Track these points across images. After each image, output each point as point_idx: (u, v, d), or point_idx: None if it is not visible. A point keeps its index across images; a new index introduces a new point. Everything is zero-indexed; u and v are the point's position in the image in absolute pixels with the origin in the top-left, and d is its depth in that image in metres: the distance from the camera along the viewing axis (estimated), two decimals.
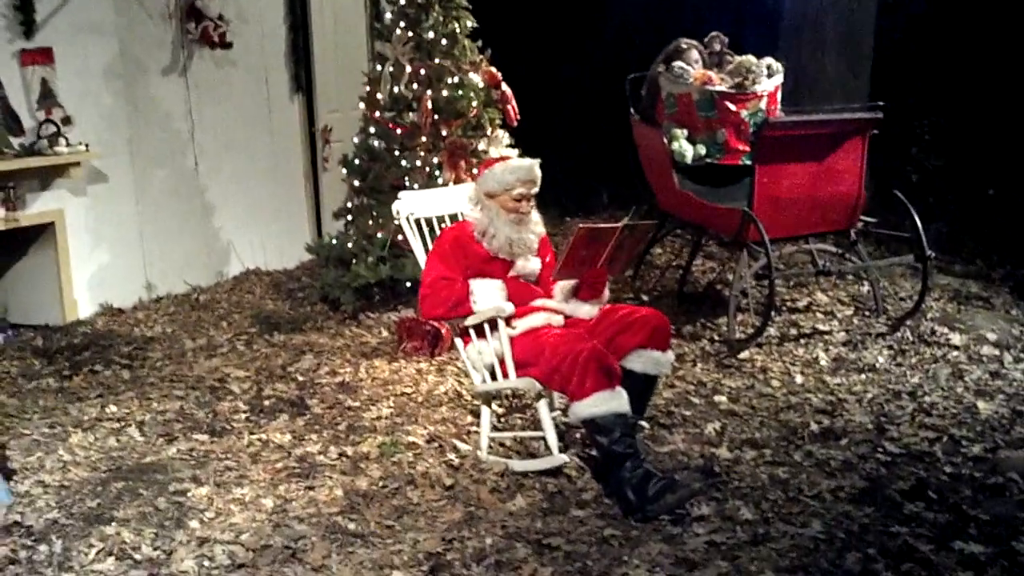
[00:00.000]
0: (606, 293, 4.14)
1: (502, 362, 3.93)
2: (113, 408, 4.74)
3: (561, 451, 3.90)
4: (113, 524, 3.56)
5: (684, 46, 5.88)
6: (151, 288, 6.75)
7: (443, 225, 4.40)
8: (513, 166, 4.09)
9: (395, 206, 4.39)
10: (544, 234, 4.23)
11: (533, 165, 4.10)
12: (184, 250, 6.99)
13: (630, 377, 3.86)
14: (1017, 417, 4.36)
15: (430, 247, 4.24)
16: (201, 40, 6.90)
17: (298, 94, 7.87)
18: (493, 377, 4.01)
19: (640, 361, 3.93)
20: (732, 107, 5.53)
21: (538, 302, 4.09)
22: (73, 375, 5.24)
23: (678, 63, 5.75)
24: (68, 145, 5.96)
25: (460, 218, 4.36)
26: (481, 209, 4.11)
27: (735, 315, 5.51)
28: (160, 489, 3.84)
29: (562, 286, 4.12)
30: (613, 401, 3.67)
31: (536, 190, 4.10)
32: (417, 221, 4.38)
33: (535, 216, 4.16)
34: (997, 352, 5.20)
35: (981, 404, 4.51)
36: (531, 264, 4.15)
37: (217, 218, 7.22)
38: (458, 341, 4.13)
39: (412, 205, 4.39)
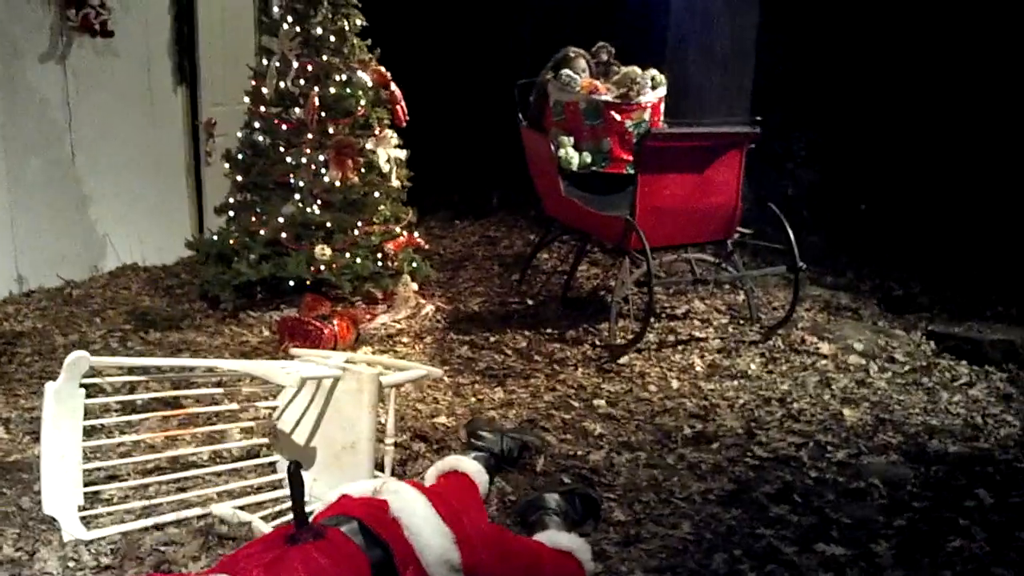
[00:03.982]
0: None
1: None
2: None
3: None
4: None
5: (572, 55, 5.97)
6: (22, 281, 6.50)
7: None
8: None
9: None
10: None
11: None
12: (58, 243, 6.75)
13: None
14: (880, 424, 4.53)
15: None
16: (81, 27, 6.66)
17: (182, 86, 7.68)
18: None
19: None
20: (617, 117, 5.64)
21: None
22: None
23: (566, 71, 5.83)
24: None
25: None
26: None
27: (616, 321, 5.60)
28: (24, 488, 3.72)
29: None
30: None
31: None
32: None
33: None
34: (863, 361, 5.41)
35: (846, 411, 4.68)
36: None
37: (94, 210, 7.00)
38: None
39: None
